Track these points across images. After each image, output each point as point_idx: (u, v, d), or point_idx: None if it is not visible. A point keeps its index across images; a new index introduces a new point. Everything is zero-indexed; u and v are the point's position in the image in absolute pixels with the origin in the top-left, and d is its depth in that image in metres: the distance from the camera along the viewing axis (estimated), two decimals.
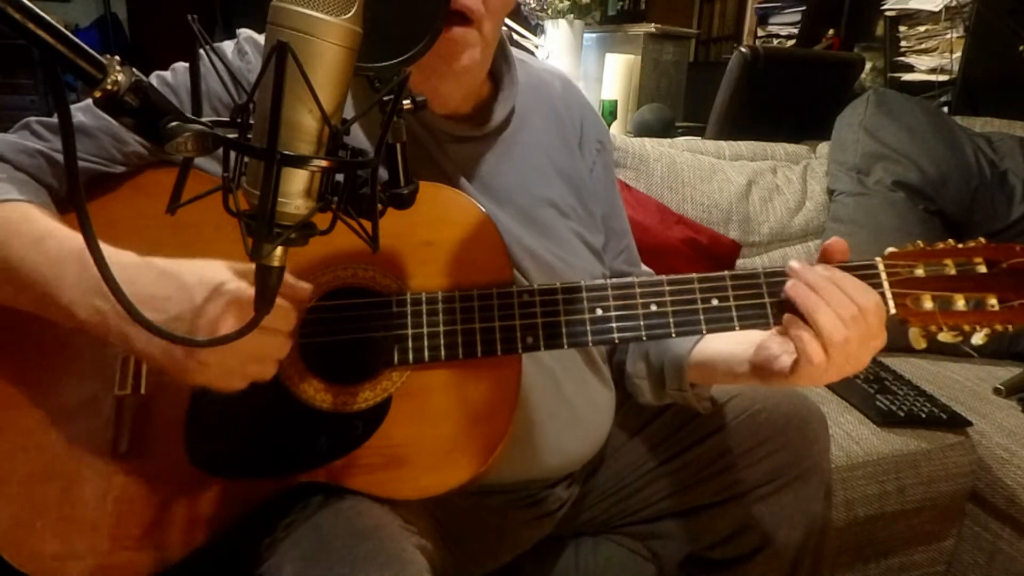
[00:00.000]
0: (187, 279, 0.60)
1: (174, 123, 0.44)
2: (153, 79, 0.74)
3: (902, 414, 1.32)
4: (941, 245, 0.74)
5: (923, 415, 1.32)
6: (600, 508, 0.95)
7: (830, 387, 1.43)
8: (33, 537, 0.67)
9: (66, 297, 0.60)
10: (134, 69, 0.44)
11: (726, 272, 0.73)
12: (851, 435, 1.28)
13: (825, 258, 0.74)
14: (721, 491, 0.89)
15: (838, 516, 1.23)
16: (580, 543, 0.97)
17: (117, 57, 0.43)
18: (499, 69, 0.84)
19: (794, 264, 0.72)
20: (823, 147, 1.98)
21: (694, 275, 0.73)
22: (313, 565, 0.59)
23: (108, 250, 0.60)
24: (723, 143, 1.90)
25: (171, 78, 0.75)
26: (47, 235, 0.62)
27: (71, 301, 0.60)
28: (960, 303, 0.71)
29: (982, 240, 0.74)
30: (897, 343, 0.73)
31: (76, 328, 0.61)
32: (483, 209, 0.75)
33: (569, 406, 0.84)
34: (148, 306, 0.57)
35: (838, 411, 1.34)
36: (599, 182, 0.93)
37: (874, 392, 1.38)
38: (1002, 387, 1.45)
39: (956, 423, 1.32)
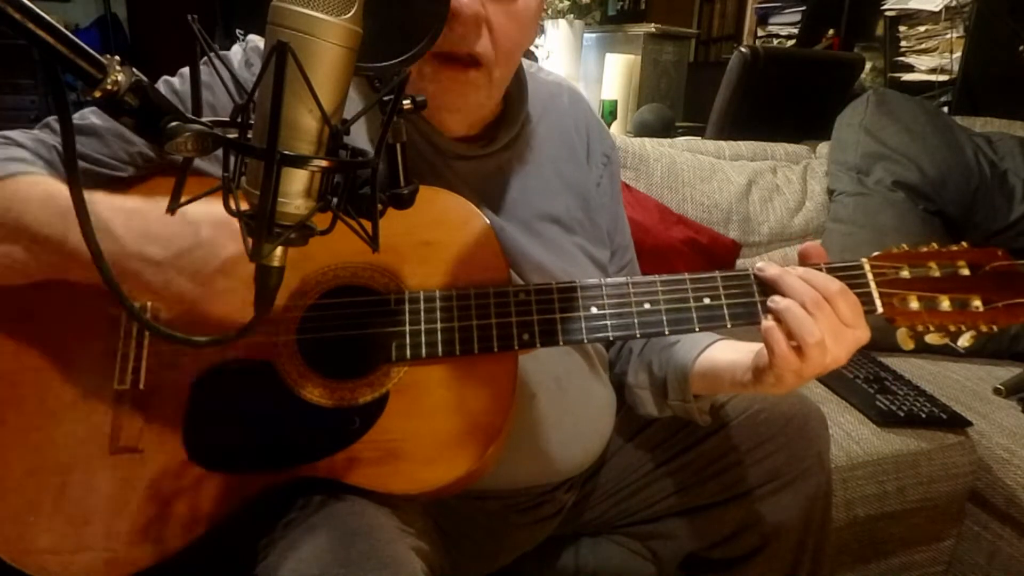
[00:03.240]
0: (192, 215, 0.62)
1: (174, 123, 0.44)
2: (161, 85, 0.76)
3: (902, 414, 1.32)
4: (925, 248, 0.76)
5: (923, 415, 1.32)
6: (600, 509, 0.95)
7: (830, 387, 1.43)
8: (29, 532, 0.67)
9: (74, 240, 0.62)
10: (134, 69, 0.44)
11: (717, 272, 0.75)
12: (851, 435, 1.28)
13: (802, 263, 0.74)
14: (721, 491, 0.89)
15: (838, 516, 1.23)
16: (580, 543, 0.97)
17: (117, 57, 0.43)
18: (510, 87, 0.84)
19: (759, 265, 0.73)
20: (823, 147, 1.98)
21: (686, 274, 0.75)
22: (309, 565, 0.59)
23: (110, 198, 0.62)
24: (723, 143, 1.90)
25: (179, 85, 0.76)
26: (56, 193, 0.64)
27: (79, 244, 0.61)
28: (945, 304, 0.73)
29: (964, 244, 0.76)
30: (896, 343, 0.73)
31: (86, 275, 0.62)
32: (479, 211, 0.77)
33: (571, 413, 0.84)
34: (155, 244, 0.60)
35: (838, 411, 1.34)
36: (605, 195, 0.94)
37: (874, 392, 1.38)
38: (1002, 387, 1.45)
39: (956, 423, 1.32)
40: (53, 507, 0.68)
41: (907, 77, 2.60)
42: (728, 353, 0.81)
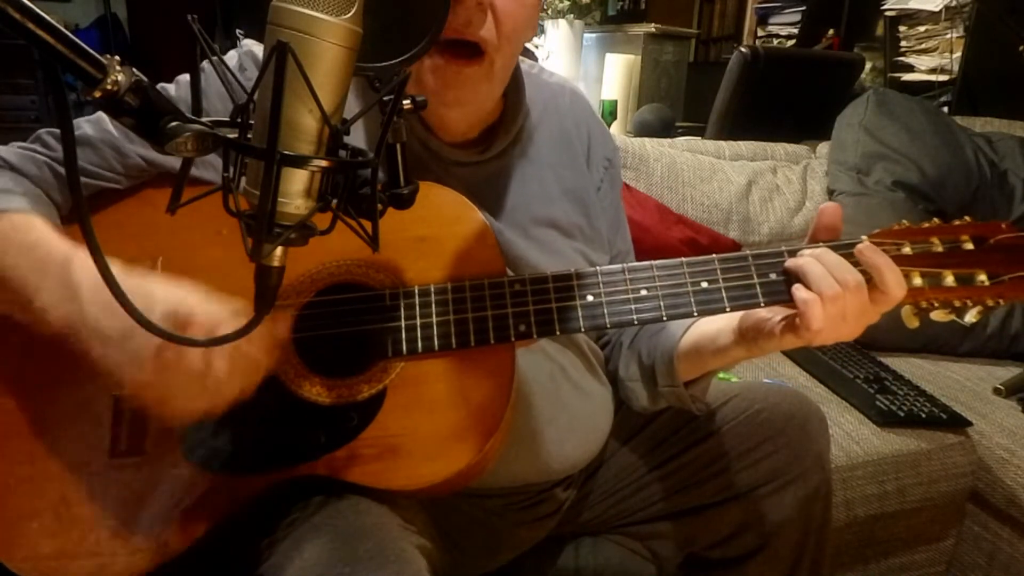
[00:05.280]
0: (156, 294, 0.61)
1: (174, 123, 0.44)
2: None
3: (902, 414, 1.32)
4: (927, 224, 0.73)
5: (923, 415, 1.32)
6: (600, 508, 0.95)
7: (830, 387, 1.43)
8: (31, 539, 0.67)
9: (42, 300, 0.62)
10: (134, 69, 0.44)
11: (715, 255, 0.74)
12: (851, 435, 1.28)
13: (815, 236, 0.74)
14: (721, 491, 0.89)
15: (838, 516, 1.23)
16: (580, 543, 0.97)
17: (117, 57, 0.43)
18: (507, 89, 0.83)
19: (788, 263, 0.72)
20: (823, 147, 1.98)
21: (683, 259, 0.73)
22: (314, 565, 0.59)
23: (89, 260, 0.62)
24: (723, 143, 1.91)
25: (173, 91, 0.76)
26: (37, 243, 0.64)
27: (45, 305, 0.62)
28: (949, 279, 0.71)
29: (968, 218, 0.74)
30: (896, 343, 0.72)
31: (50, 331, 0.62)
32: (473, 206, 0.76)
33: (569, 410, 0.84)
34: (113, 319, 0.60)
35: (838, 411, 1.34)
36: (605, 200, 0.93)
37: (874, 392, 1.38)
38: (1002, 387, 1.45)
39: (956, 423, 1.32)
40: (54, 512, 0.67)
41: (907, 77, 2.59)
42: (708, 324, 0.80)
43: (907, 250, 0.72)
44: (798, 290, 0.69)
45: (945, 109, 2.37)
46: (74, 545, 0.67)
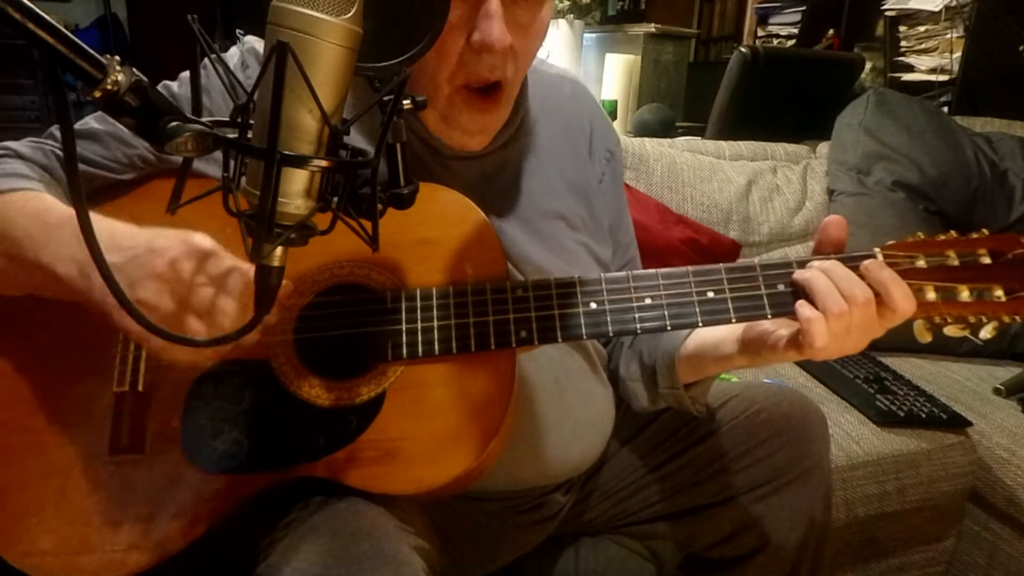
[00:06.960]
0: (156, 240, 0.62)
1: (174, 123, 0.44)
2: (159, 89, 0.76)
3: (902, 414, 1.32)
4: (943, 236, 0.72)
5: (923, 415, 1.32)
6: (600, 509, 0.95)
7: (830, 387, 1.43)
8: (30, 534, 0.67)
9: (49, 253, 0.62)
10: (134, 69, 0.44)
11: (721, 265, 0.72)
12: (851, 435, 1.28)
13: (820, 248, 0.73)
14: (721, 491, 0.89)
15: (838, 516, 1.23)
16: (580, 543, 0.97)
17: (117, 57, 0.43)
18: None
19: (796, 276, 0.71)
20: (823, 147, 1.98)
21: (689, 268, 0.73)
22: (311, 565, 0.59)
23: (95, 218, 0.62)
24: (723, 143, 1.91)
25: (176, 89, 0.77)
26: (46, 209, 0.65)
27: (54, 257, 0.62)
28: (964, 294, 0.68)
29: (985, 231, 0.71)
30: (896, 343, 0.71)
31: (61, 290, 0.62)
32: (476, 207, 0.76)
33: (571, 415, 0.84)
34: (113, 253, 0.59)
35: (838, 411, 1.34)
36: (607, 192, 0.92)
37: (874, 392, 1.38)
38: (1002, 387, 1.45)
39: (956, 423, 1.32)
40: (54, 509, 0.68)
41: (907, 77, 2.59)
42: (712, 331, 0.79)
43: (921, 263, 0.70)
44: (802, 307, 0.67)
45: (945, 109, 2.37)
46: (73, 541, 0.67)
